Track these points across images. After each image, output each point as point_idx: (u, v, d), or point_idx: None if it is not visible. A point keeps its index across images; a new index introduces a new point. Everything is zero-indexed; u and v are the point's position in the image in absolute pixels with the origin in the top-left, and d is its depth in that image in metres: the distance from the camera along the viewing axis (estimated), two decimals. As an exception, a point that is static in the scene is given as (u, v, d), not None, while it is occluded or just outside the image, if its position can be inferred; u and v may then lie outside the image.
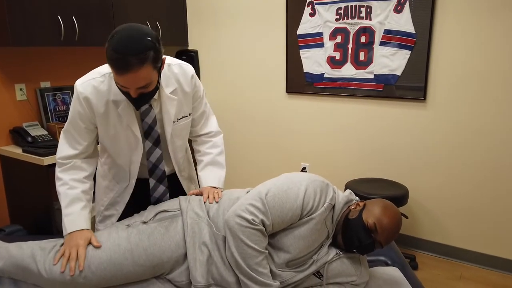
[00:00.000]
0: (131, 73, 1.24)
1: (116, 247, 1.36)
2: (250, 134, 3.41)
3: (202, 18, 3.43)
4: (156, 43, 1.29)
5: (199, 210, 1.46)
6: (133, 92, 1.30)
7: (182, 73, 1.54)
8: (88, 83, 1.43)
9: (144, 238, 1.37)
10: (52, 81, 2.85)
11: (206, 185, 1.64)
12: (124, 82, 1.27)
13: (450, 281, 2.49)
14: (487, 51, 2.39)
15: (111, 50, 1.23)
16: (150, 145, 1.53)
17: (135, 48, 1.23)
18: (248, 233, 1.30)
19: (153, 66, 1.29)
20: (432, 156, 2.68)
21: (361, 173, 2.97)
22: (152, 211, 1.49)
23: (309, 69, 2.98)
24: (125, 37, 1.24)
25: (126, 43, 1.22)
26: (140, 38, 1.25)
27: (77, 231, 1.40)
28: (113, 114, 1.46)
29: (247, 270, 1.29)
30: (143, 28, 1.29)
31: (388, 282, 1.57)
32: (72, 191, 1.46)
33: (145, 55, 1.24)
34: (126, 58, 1.21)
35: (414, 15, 2.54)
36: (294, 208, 1.36)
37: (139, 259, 1.35)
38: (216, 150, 1.71)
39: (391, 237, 1.39)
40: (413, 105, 2.68)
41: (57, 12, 2.48)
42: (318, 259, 1.42)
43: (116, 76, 1.27)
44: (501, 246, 2.57)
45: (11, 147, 2.57)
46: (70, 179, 1.47)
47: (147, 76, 1.28)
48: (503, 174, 2.48)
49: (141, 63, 1.24)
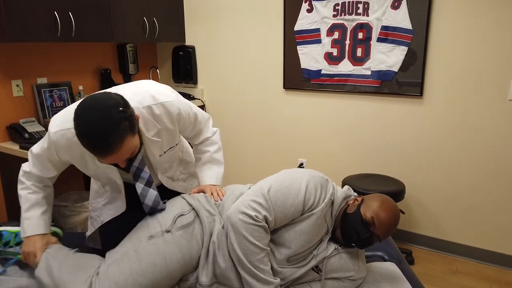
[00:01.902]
0: (112, 154, 1.15)
1: (152, 267, 1.30)
2: (247, 130, 3.42)
3: (199, 14, 3.42)
4: (125, 109, 1.17)
5: (210, 207, 1.46)
6: (121, 164, 1.24)
7: (166, 113, 1.41)
8: (63, 135, 1.31)
9: (174, 250, 1.34)
10: (49, 77, 2.84)
11: (205, 183, 1.63)
12: (109, 161, 1.19)
13: (446, 275, 2.52)
14: (484, 47, 2.41)
15: (82, 139, 1.13)
16: (142, 187, 1.45)
17: (107, 129, 1.11)
18: (251, 229, 1.31)
19: (132, 134, 1.19)
20: (429, 152, 2.70)
21: (358, 169, 2.98)
22: (168, 217, 1.42)
23: (307, 65, 2.99)
24: (91, 121, 1.11)
25: (95, 127, 1.11)
26: (108, 114, 1.12)
27: (36, 235, 1.43)
28: (90, 163, 1.40)
29: (249, 267, 1.30)
30: (104, 99, 1.16)
31: (386, 277, 1.59)
32: (33, 195, 1.45)
33: (121, 130, 1.14)
34: (102, 143, 1.12)
35: (411, 11, 2.54)
36: (296, 204, 1.37)
37: (174, 272, 1.34)
38: (213, 147, 1.69)
39: (389, 230, 1.41)
40: (410, 101, 2.69)
41: (54, 8, 2.46)
42: (318, 254, 1.44)
43: (97, 157, 1.18)
44: (496, 241, 2.60)
45: (8, 143, 2.56)
46: (32, 184, 1.46)
47: (130, 147, 1.19)
48: (499, 169, 2.50)
49: (120, 141, 1.14)
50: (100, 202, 1.62)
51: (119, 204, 1.55)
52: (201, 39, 3.47)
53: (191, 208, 1.45)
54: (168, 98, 1.41)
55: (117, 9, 2.86)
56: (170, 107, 1.41)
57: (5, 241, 1.51)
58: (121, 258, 1.32)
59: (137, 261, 1.30)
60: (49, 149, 1.37)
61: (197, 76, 3.58)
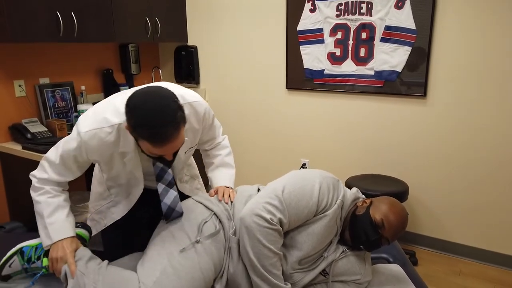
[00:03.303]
0: (170, 142, 1.18)
1: (192, 282, 1.28)
2: (250, 130, 3.41)
3: (202, 14, 3.41)
4: (178, 100, 1.22)
5: (227, 212, 1.46)
6: (169, 156, 1.25)
7: (194, 113, 1.44)
8: (95, 134, 1.30)
9: (208, 260, 1.33)
10: (51, 77, 2.83)
11: (218, 185, 1.63)
12: (162, 151, 1.21)
13: (449, 277, 2.51)
14: (488, 47, 2.39)
15: (143, 128, 1.15)
16: (163, 187, 1.45)
17: (167, 118, 1.15)
18: (266, 233, 1.29)
19: (184, 124, 1.23)
20: (432, 153, 2.69)
21: (361, 170, 2.97)
22: (192, 225, 1.39)
23: (309, 65, 2.98)
24: (152, 109, 1.15)
25: (157, 114, 1.14)
26: (167, 103, 1.17)
27: (63, 239, 1.35)
28: (118, 162, 1.40)
29: (261, 271, 1.29)
30: (158, 91, 1.20)
31: (390, 279, 1.58)
32: (54, 199, 1.39)
33: (178, 119, 1.18)
34: (162, 131, 1.15)
35: (414, 11, 2.53)
36: (310, 205, 1.36)
37: (209, 282, 1.33)
38: (224, 151, 1.73)
39: (398, 233, 1.41)
40: (414, 102, 2.68)
41: (56, 8, 2.45)
42: (328, 256, 1.44)
43: (152, 148, 1.19)
44: (500, 242, 2.59)
45: (11, 143, 2.55)
46: (51, 188, 1.40)
47: (183, 137, 1.23)
48: (503, 170, 2.49)
49: (177, 130, 1.18)
50: (103, 205, 1.61)
51: (122, 207, 1.55)
52: (203, 39, 3.46)
53: (211, 213, 1.43)
54: (195, 98, 1.45)
55: (119, 9, 2.85)
56: (198, 106, 1.44)
57: (27, 257, 1.43)
58: (161, 276, 1.27)
59: (177, 278, 1.27)
60: (79, 149, 1.33)
61: (199, 76, 3.57)
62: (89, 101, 3.07)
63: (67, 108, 2.87)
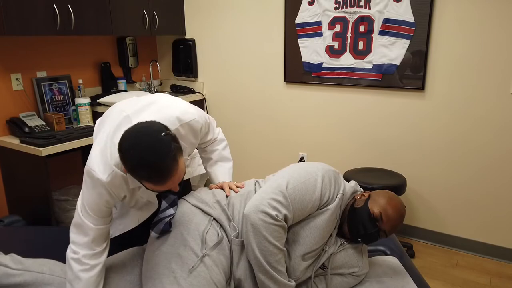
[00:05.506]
0: (171, 177, 1.15)
1: None
2: (248, 123, 3.41)
3: (199, 7, 3.39)
4: (169, 131, 1.17)
5: (225, 213, 1.44)
6: (175, 188, 1.21)
7: (191, 131, 1.42)
8: (115, 175, 1.27)
9: (218, 271, 1.31)
10: (48, 70, 2.82)
11: (219, 181, 1.65)
12: (166, 187, 1.18)
13: (446, 269, 2.53)
14: (487, 40, 2.39)
15: (141, 169, 1.11)
16: (166, 205, 1.43)
17: (161, 154, 1.11)
18: (271, 230, 1.29)
19: (181, 154, 1.19)
20: (430, 146, 2.69)
21: (359, 163, 2.98)
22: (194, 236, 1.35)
23: (308, 59, 2.97)
24: (144, 149, 1.10)
25: (150, 153, 1.10)
26: (158, 139, 1.12)
27: None
28: (138, 191, 1.39)
29: (266, 268, 1.29)
30: (147, 127, 1.15)
31: (388, 272, 1.59)
32: (86, 274, 1.30)
33: (173, 151, 1.14)
34: (160, 168, 1.11)
35: (413, 4, 2.52)
36: (314, 200, 1.37)
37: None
38: (221, 145, 1.72)
39: (395, 226, 1.42)
40: (412, 95, 2.68)
41: (53, 0, 2.44)
42: (328, 249, 1.45)
43: (155, 186, 1.16)
44: (496, 234, 2.60)
45: (8, 137, 2.55)
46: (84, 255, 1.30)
47: (183, 167, 1.18)
48: (500, 163, 2.50)
49: (175, 162, 1.14)
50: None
51: (128, 221, 1.56)
52: (201, 32, 3.44)
53: (210, 218, 1.40)
54: (192, 116, 1.41)
55: (117, 2, 2.83)
56: (194, 124, 1.42)
57: None
58: None
59: None
60: (107, 193, 1.29)
61: (197, 69, 3.56)
62: (87, 94, 3.06)
63: (64, 101, 2.87)
